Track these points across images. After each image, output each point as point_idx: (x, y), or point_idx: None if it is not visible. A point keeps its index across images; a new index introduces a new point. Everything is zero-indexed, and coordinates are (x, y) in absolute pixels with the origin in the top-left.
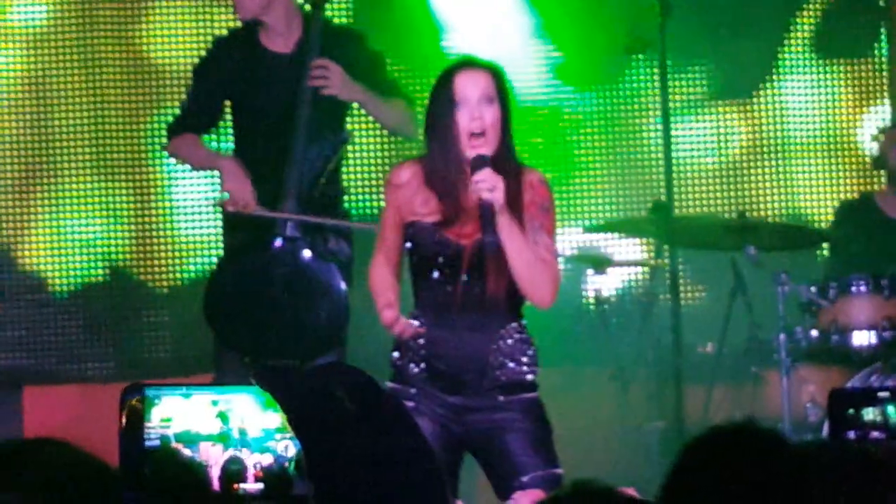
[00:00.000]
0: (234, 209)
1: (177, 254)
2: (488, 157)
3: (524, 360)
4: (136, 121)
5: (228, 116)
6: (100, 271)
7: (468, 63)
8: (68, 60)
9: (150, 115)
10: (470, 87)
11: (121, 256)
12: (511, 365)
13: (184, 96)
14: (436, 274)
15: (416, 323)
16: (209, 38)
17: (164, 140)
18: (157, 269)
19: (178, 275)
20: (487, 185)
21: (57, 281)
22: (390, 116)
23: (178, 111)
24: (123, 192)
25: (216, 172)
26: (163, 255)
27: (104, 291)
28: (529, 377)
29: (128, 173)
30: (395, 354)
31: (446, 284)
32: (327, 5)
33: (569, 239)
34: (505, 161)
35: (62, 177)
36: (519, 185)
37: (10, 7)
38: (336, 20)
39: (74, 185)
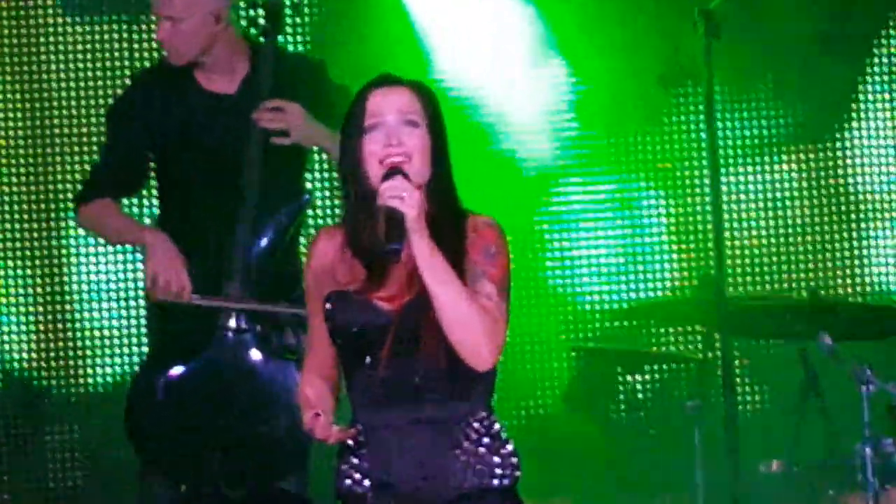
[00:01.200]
0: (163, 297)
1: (88, 352)
2: (401, 168)
3: (496, 461)
4: (33, 183)
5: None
6: None
7: (385, 80)
8: None
9: (53, 175)
10: (385, 108)
11: (15, 357)
12: (479, 468)
13: (95, 150)
14: (367, 359)
15: (343, 427)
16: (126, 71)
17: (72, 207)
18: (63, 372)
19: (90, 379)
20: (397, 192)
21: None
22: None
23: (88, 170)
24: (18, 276)
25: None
26: (70, 353)
27: None
28: (506, 483)
29: (23, 253)
30: (338, 481)
31: (388, 370)
32: (281, 31)
33: (592, 327)
34: (438, 200)
35: None
36: (460, 229)
37: None
38: (291, 46)
39: None
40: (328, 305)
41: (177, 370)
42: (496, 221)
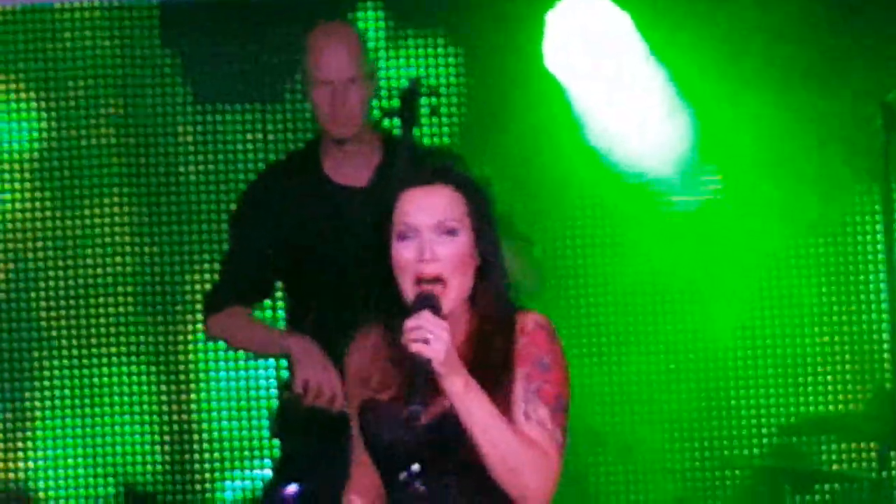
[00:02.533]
0: (315, 403)
1: (216, 465)
2: (433, 297)
3: None
4: (160, 292)
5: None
6: (112, 490)
7: (421, 178)
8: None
9: (181, 281)
10: (419, 214)
11: (139, 469)
12: None
13: (220, 253)
14: (402, 474)
15: None
16: (260, 165)
17: (200, 318)
18: (189, 486)
19: (217, 494)
20: (421, 334)
21: None
22: None
23: (215, 277)
24: (143, 387)
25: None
26: (196, 467)
27: None
28: None
29: (149, 363)
30: None
31: (426, 484)
32: (418, 120)
33: (759, 443)
34: (483, 312)
35: (62, 369)
36: (508, 338)
37: None
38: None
39: (78, 381)
40: (362, 416)
41: (296, 488)
42: (548, 321)
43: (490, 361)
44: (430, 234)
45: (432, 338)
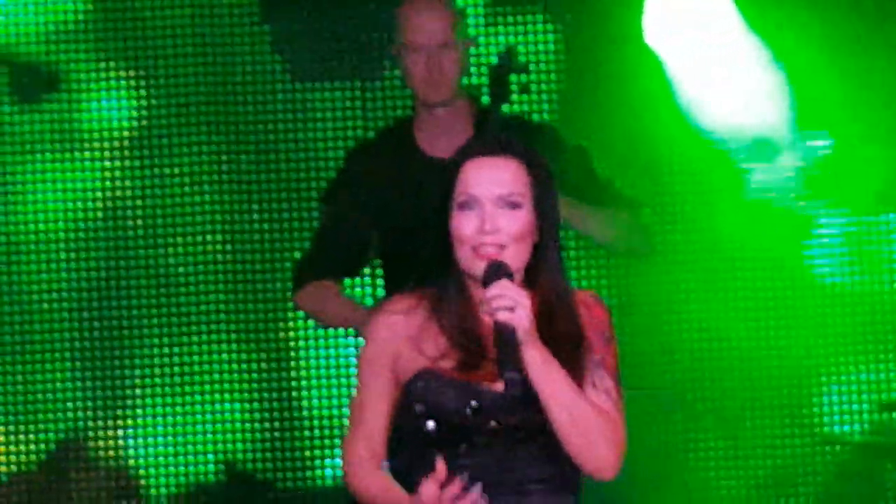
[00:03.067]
0: None
1: (316, 443)
2: (506, 266)
3: None
4: (259, 270)
5: None
6: (213, 469)
7: (484, 148)
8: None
9: (280, 256)
10: (481, 185)
11: (239, 447)
12: None
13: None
14: (463, 447)
15: None
16: (350, 137)
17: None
18: (289, 464)
19: (317, 472)
20: (506, 302)
21: (156, 485)
22: (603, 229)
23: (306, 247)
24: (243, 363)
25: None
26: (297, 444)
27: (220, 496)
28: None
29: (248, 340)
30: None
31: (487, 458)
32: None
33: (860, 419)
34: (542, 285)
35: (161, 347)
36: (573, 311)
37: None
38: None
39: (178, 360)
40: (419, 384)
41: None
42: (599, 297)
43: (559, 335)
44: (492, 207)
45: (517, 305)
